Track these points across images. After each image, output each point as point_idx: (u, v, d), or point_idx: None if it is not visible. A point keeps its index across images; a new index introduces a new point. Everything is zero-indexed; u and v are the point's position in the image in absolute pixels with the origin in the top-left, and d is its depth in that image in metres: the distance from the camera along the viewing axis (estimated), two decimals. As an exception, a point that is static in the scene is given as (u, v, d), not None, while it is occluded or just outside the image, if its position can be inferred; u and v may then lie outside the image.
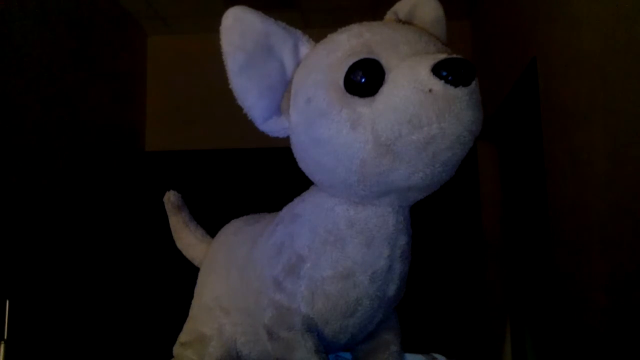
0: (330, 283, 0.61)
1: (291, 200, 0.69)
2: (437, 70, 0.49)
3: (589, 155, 1.55)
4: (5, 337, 1.82)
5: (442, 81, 0.49)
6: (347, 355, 0.74)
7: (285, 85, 0.61)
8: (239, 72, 0.58)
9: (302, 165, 0.61)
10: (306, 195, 0.66)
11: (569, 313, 1.75)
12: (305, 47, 0.61)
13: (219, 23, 0.57)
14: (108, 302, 2.65)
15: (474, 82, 0.51)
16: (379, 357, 0.69)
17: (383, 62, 0.53)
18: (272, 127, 0.62)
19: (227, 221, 0.83)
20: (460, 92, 0.50)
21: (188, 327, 0.77)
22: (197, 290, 0.79)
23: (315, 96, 0.56)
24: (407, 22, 0.66)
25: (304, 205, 0.65)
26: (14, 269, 2.00)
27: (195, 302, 0.78)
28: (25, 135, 2.13)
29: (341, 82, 0.54)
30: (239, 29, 0.57)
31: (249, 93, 0.59)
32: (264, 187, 2.95)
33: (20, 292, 2.00)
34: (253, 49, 0.57)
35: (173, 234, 0.91)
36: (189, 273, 0.86)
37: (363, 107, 0.52)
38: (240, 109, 0.60)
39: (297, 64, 0.61)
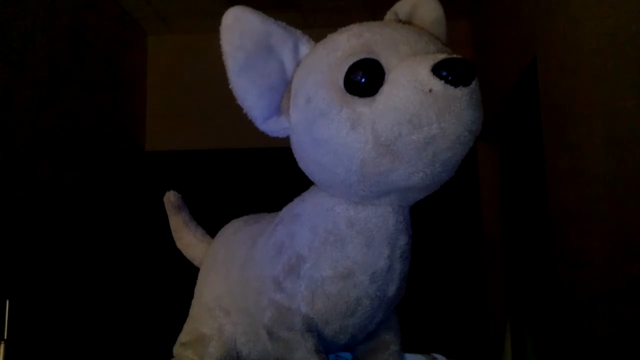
0: (330, 283, 0.61)
1: (291, 200, 0.69)
2: (437, 70, 0.49)
3: (589, 155, 1.55)
4: (5, 337, 1.82)
5: (442, 81, 0.49)
6: (347, 355, 0.74)
7: (285, 85, 0.61)
8: (239, 72, 0.58)
9: (302, 165, 0.61)
10: (306, 195, 0.66)
11: (569, 314, 1.75)
12: (305, 47, 0.61)
13: (219, 23, 0.57)
14: (108, 302, 2.65)
15: (474, 82, 0.51)
16: (379, 357, 0.69)
17: (383, 62, 0.53)
18: (272, 127, 0.62)
19: (227, 221, 0.83)
20: (460, 92, 0.50)
21: (188, 327, 0.77)
22: (197, 290, 0.79)
23: (315, 96, 0.56)
24: (407, 22, 0.66)
25: (304, 205, 0.65)
26: (14, 269, 2.00)
27: (195, 302, 0.78)
28: (25, 134, 2.13)
29: (341, 82, 0.54)
30: (239, 29, 0.57)
31: (249, 93, 0.59)
32: (264, 187, 2.95)
33: (20, 292, 2.00)
34: (253, 49, 0.57)
35: (173, 234, 0.91)
36: (189, 273, 0.86)
37: (363, 107, 0.52)
38: (240, 109, 0.60)
39: (297, 64, 0.61)
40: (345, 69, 0.54)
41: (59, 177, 2.34)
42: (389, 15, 0.68)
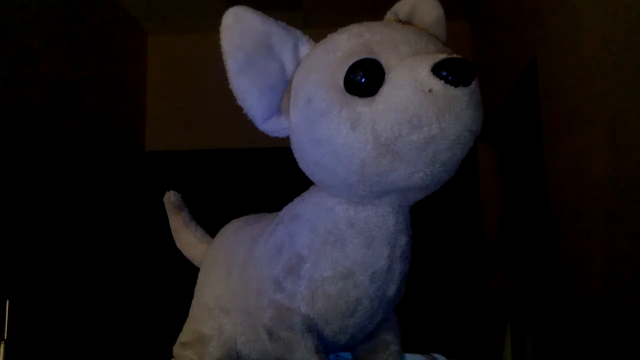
0: (330, 283, 0.61)
1: (291, 200, 0.69)
2: (437, 70, 0.49)
3: (589, 155, 1.55)
4: (5, 337, 1.82)
5: (442, 81, 0.49)
6: (347, 355, 0.74)
7: (285, 85, 0.61)
8: (239, 72, 0.58)
9: (302, 165, 0.61)
10: (306, 195, 0.66)
11: (569, 314, 1.75)
12: (305, 47, 0.61)
13: (219, 23, 0.57)
14: (108, 302, 2.65)
15: (474, 82, 0.51)
16: (379, 357, 0.69)
17: (383, 62, 0.53)
18: (272, 127, 0.62)
19: (227, 221, 0.83)
20: (460, 92, 0.50)
21: (188, 327, 0.77)
22: (197, 290, 0.79)
23: (315, 96, 0.56)
24: (407, 22, 0.66)
25: (304, 205, 0.65)
26: (14, 269, 2.00)
27: (195, 302, 0.78)
28: (25, 135, 2.13)
29: (341, 82, 0.54)
30: (239, 29, 0.57)
31: (249, 93, 0.59)
32: (264, 187, 2.95)
33: (20, 292, 2.00)
34: (253, 48, 0.57)
35: (173, 234, 0.91)
36: (189, 273, 0.86)
37: (363, 107, 0.52)
38: (240, 109, 0.60)
39: (297, 64, 0.61)
40: (345, 69, 0.54)
41: (59, 176, 2.34)
42: (389, 15, 0.68)
